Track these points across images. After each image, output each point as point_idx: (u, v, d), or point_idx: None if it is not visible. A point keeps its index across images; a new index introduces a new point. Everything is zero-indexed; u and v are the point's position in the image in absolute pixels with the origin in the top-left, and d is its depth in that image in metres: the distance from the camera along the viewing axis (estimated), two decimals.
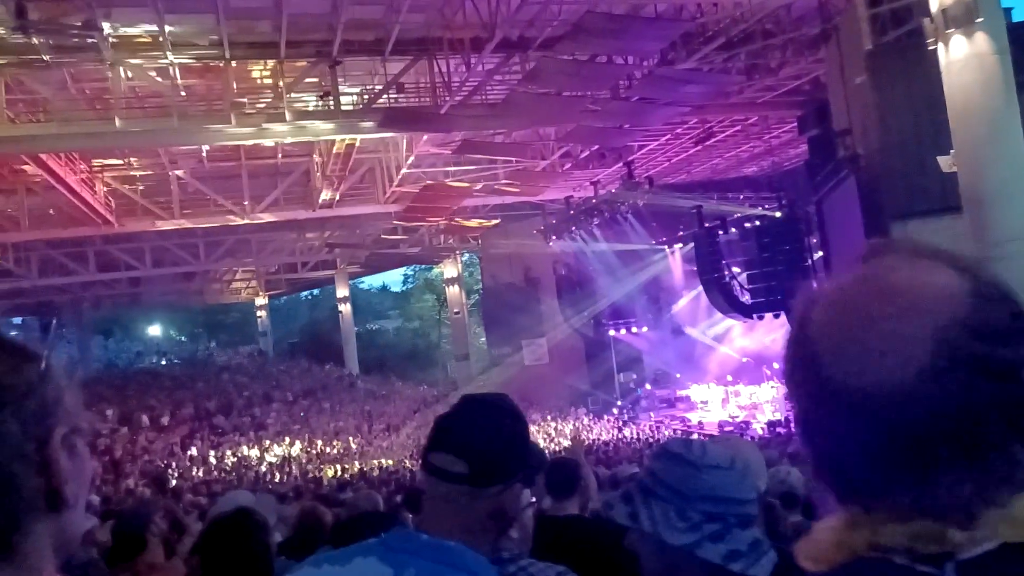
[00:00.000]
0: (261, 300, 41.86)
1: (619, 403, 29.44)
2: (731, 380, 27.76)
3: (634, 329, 29.86)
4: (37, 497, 0.76)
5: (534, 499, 2.29)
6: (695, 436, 20.90)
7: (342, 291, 38.66)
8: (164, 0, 12.64)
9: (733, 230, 23.21)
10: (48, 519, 0.77)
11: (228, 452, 23.99)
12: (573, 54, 13.84)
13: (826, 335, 0.71)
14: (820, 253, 19.19)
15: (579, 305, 29.69)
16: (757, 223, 22.00)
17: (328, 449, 24.26)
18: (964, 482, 0.66)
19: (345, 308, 38.61)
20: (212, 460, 23.07)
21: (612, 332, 29.97)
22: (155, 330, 47.76)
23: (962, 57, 10.04)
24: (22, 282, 26.49)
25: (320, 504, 5.11)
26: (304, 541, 4.14)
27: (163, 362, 40.25)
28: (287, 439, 25.38)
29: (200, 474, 20.93)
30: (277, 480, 19.01)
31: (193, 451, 24.41)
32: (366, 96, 16.65)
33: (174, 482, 19.14)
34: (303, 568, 1.20)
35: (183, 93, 15.84)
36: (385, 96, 16.01)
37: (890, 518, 0.68)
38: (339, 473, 19.61)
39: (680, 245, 26.99)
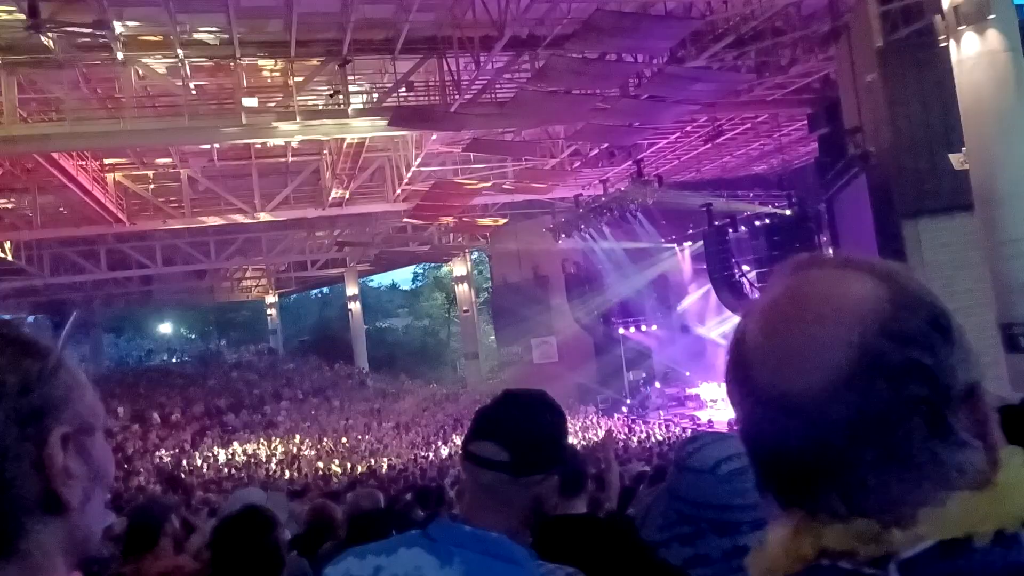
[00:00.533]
0: (271, 298, 42.01)
1: (628, 401, 29.41)
2: None
3: (643, 327, 29.84)
4: (36, 498, 0.73)
5: None
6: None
7: (352, 289, 38.75)
8: (175, 0, 12.70)
9: (743, 228, 23.14)
10: (52, 521, 0.74)
11: (239, 449, 24.10)
12: (582, 52, 13.83)
13: (756, 343, 0.75)
14: (831, 251, 19.12)
15: (588, 303, 29.68)
16: (767, 221, 21.94)
17: (337, 447, 24.33)
18: (891, 483, 0.69)
19: (355, 306, 38.70)
20: (223, 458, 23.18)
21: (621, 330, 29.94)
22: (166, 328, 47.98)
23: (974, 55, 9.99)
24: (34, 280, 26.67)
25: (330, 501, 5.14)
26: (315, 537, 4.17)
27: (174, 360, 40.48)
28: (297, 437, 25.48)
29: (211, 472, 21.04)
30: (287, 477, 19.09)
31: (204, 448, 24.53)
32: (376, 95, 16.68)
33: (185, 479, 19.25)
34: (346, 559, 1.20)
35: (194, 92, 15.90)
36: (395, 95, 16.05)
37: (833, 520, 0.70)
38: (349, 471, 19.68)
39: (690, 243, 26.93)
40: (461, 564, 1.15)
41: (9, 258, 23.27)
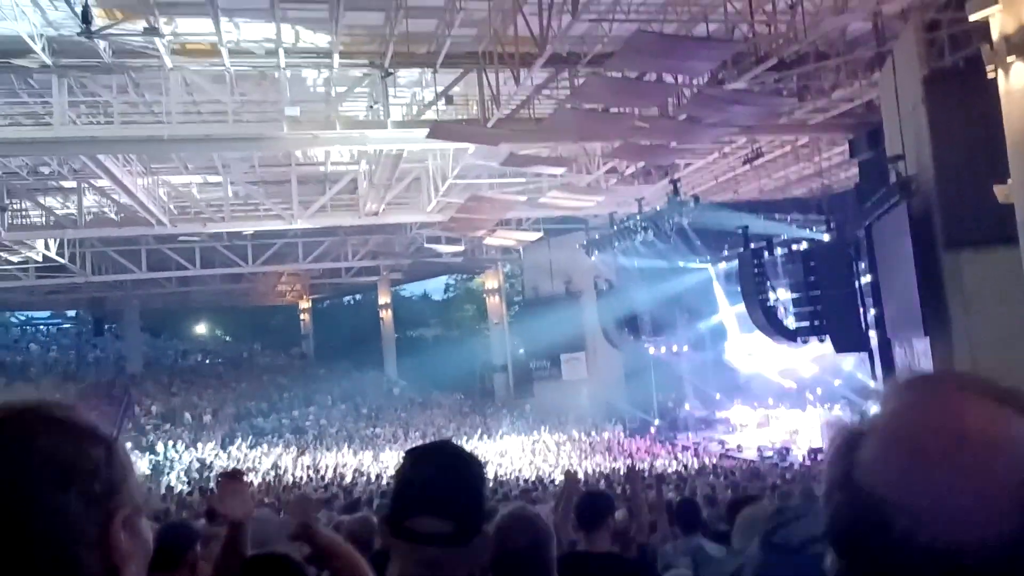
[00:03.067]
0: (305, 304, 42.42)
1: (657, 422, 29.17)
2: (772, 403, 27.34)
3: (674, 347, 29.57)
4: None
5: None
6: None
7: (384, 298, 39.01)
8: (224, 9, 12.94)
9: (779, 251, 22.87)
10: None
11: (266, 454, 24.29)
12: (622, 71, 13.81)
13: (895, 486, 0.66)
14: (868, 278, 18.81)
15: (619, 321, 29.53)
16: (804, 245, 21.65)
17: (364, 454, 24.42)
18: None
19: (386, 314, 38.94)
20: (251, 463, 23.37)
21: (652, 349, 29.70)
22: (201, 329, 48.58)
23: (1022, 86, 9.79)
24: (76, 278, 27.27)
25: (372, 516, 5.08)
26: None
27: (208, 361, 40.94)
28: (324, 443, 25.62)
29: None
30: (312, 484, 19.19)
31: (233, 450, 24.78)
32: (415, 107, 16.83)
33: (212, 483, 19.40)
34: None
35: (238, 100, 16.17)
36: (434, 107, 16.17)
37: None
38: (373, 480, 19.71)
39: (724, 264, 26.70)
40: None
41: (53, 256, 23.80)
